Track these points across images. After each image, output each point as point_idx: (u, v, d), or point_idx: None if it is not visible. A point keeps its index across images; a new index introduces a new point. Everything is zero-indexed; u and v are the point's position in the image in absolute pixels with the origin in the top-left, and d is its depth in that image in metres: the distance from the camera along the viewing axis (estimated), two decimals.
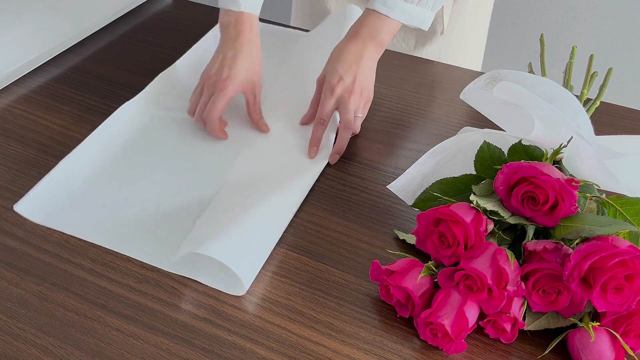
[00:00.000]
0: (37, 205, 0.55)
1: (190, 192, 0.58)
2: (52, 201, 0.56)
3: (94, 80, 0.74)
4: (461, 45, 0.90)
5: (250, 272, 0.49)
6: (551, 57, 0.68)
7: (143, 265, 0.51)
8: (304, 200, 0.57)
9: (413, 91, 0.74)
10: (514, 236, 0.47)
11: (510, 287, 0.42)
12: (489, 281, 0.42)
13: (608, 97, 0.65)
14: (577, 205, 0.43)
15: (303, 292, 0.49)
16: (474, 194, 0.47)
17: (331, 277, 0.50)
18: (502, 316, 0.44)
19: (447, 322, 0.43)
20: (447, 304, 0.44)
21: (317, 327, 0.46)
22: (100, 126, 0.63)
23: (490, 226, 0.45)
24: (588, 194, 0.46)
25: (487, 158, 0.49)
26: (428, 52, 0.88)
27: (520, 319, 0.44)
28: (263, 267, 0.50)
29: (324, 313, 0.47)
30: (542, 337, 0.46)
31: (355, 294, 0.49)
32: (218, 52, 0.67)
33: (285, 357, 0.44)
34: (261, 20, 0.85)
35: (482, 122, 0.70)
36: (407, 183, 0.54)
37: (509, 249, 0.45)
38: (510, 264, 0.43)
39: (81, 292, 0.49)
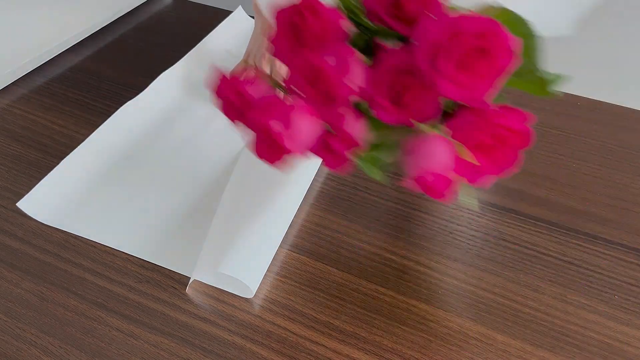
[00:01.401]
0: (40, 203, 0.55)
1: (194, 191, 0.58)
2: (55, 200, 0.56)
3: (94, 80, 0.74)
4: None
5: (257, 277, 0.49)
6: (550, 57, 0.68)
7: (143, 265, 0.51)
8: (304, 200, 0.57)
9: None
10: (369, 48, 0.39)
11: (350, 83, 0.35)
12: (330, 72, 0.35)
13: (608, 97, 0.66)
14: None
15: (303, 292, 0.49)
16: None
17: (331, 277, 0.50)
18: (340, 131, 0.37)
19: (278, 126, 0.36)
20: (281, 108, 0.36)
21: (317, 327, 0.46)
22: (103, 124, 0.63)
23: (349, 25, 0.37)
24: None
25: None
26: None
27: (358, 139, 0.37)
28: None
29: (324, 313, 0.47)
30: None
31: (355, 294, 0.49)
32: (259, 30, 0.70)
33: (285, 357, 0.44)
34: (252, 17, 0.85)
35: None
36: None
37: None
38: (357, 61, 0.35)
39: (81, 292, 0.49)
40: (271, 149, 0.37)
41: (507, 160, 0.37)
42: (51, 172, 0.58)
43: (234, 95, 0.39)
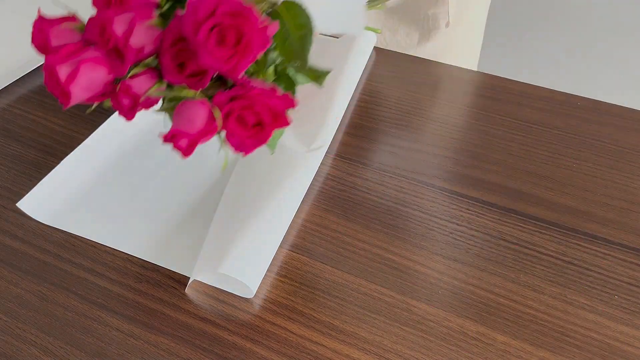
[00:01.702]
0: (40, 203, 0.55)
1: (194, 191, 0.58)
2: (55, 199, 0.56)
3: None
4: (464, 41, 0.90)
5: (257, 277, 0.49)
6: (550, 57, 0.69)
7: (143, 265, 0.51)
8: (304, 200, 0.57)
9: (413, 91, 0.74)
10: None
11: (133, 43, 0.39)
12: (117, 30, 0.39)
13: (608, 97, 0.66)
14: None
15: (303, 292, 0.49)
16: None
17: (331, 277, 0.50)
18: (125, 86, 0.41)
19: (65, 70, 0.40)
20: (77, 57, 0.40)
21: (317, 327, 0.46)
22: (103, 124, 0.63)
23: None
24: None
25: None
26: (431, 48, 0.88)
27: (143, 99, 0.42)
28: None
29: (324, 313, 0.47)
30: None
31: (355, 294, 0.49)
32: None
33: (285, 357, 0.44)
34: None
35: (483, 122, 0.70)
36: None
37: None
38: (144, 23, 0.40)
39: (81, 292, 0.49)
40: (58, 90, 0.41)
41: (262, 134, 0.42)
42: (51, 172, 0.58)
43: (40, 36, 0.42)
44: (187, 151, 0.41)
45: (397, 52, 0.83)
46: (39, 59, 0.76)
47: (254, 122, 0.42)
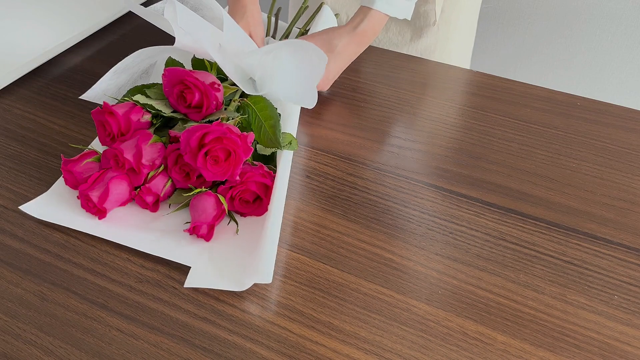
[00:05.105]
0: (44, 206, 0.55)
1: None
2: (59, 200, 0.56)
3: (94, 80, 0.74)
4: (455, 38, 0.91)
5: (270, 269, 0.49)
6: (550, 57, 0.69)
7: (143, 265, 0.51)
8: (303, 200, 0.57)
9: (414, 91, 0.74)
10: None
11: (145, 162, 0.52)
12: (128, 157, 0.52)
13: (608, 97, 0.66)
14: (222, 104, 0.57)
15: (303, 292, 0.49)
16: (146, 95, 0.58)
17: (331, 277, 0.50)
18: (146, 189, 0.53)
19: (95, 194, 0.52)
20: (102, 180, 0.53)
21: (317, 327, 0.46)
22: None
23: (146, 116, 0.56)
24: (236, 98, 0.60)
25: None
26: (423, 44, 0.88)
27: (162, 194, 0.54)
28: None
29: (324, 313, 0.47)
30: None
31: (355, 294, 0.49)
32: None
33: (285, 357, 0.44)
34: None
35: (481, 121, 0.70)
36: (100, 94, 0.66)
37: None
38: (147, 144, 0.53)
39: (81, 292, 0.49)
40: (95, 210, 0.53)
41: (262, 207, 0.54)
42: (56, 182, 0.57)
43: (70, 176, 0.56)
44: (208, 236, 0.52)
45: (393, 51, 0.83)
46: (38, 59, 0.76)
47: (254, 198, 0.54)
